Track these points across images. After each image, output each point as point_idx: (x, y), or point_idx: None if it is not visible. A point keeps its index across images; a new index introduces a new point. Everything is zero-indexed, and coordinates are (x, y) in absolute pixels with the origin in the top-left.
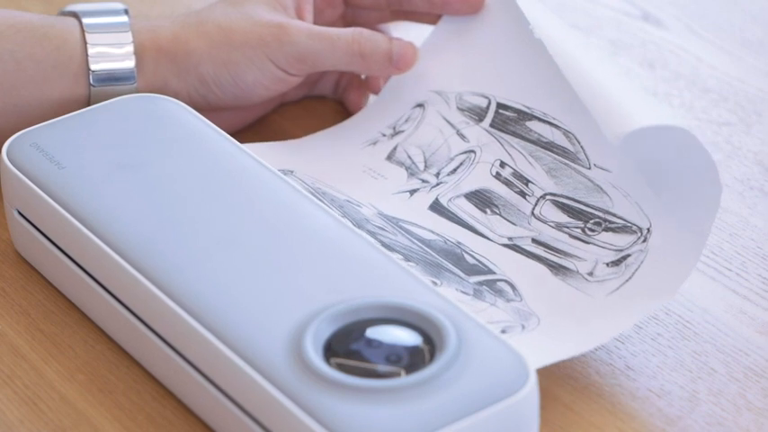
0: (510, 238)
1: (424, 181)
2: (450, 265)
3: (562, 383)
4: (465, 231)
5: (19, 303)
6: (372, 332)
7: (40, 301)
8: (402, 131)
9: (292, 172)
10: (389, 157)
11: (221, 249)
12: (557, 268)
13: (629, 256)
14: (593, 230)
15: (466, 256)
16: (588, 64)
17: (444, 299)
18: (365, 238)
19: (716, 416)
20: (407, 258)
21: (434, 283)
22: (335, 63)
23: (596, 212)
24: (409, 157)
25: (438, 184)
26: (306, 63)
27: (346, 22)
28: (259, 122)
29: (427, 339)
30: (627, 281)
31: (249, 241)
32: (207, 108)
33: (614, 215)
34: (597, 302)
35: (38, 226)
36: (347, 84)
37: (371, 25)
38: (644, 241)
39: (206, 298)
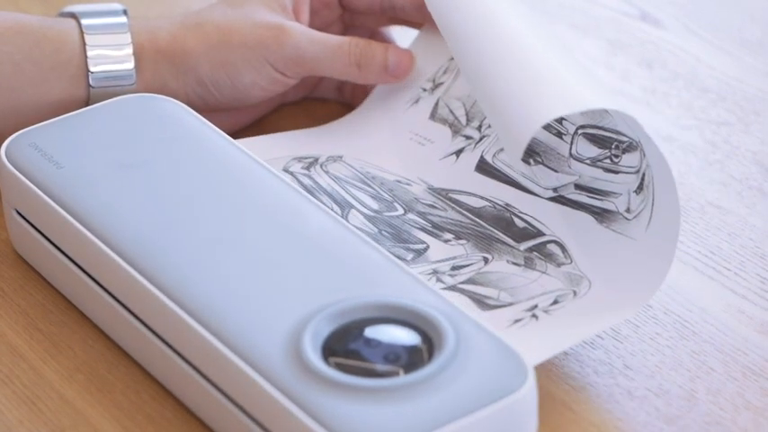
0: (555, 189)
1: (468, 138)
2: (500, 234)
3: (561, 383)
4: (512, 190)
5: (18, 303)
6: (371, 331)
7: (38, 300)
8: (442, 83)
9: (341, 157)
10: (432, 115)
11: (219, 249)
12: (600, 214)
13: (644, 175)
14: (617, 156)
15: (515, 219)
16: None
17: (443, 298)
18: (364, 238)
19: (714, 415)
20: (458, 236)
21: (486, 259)
22: (332, 70)
23: (612, 135)
24: (451, 112)
25: (482, 139)
26: (303, 66)
27: (344, 24)
28: (258, 123)
29: (426, 339)
30: (653, 204)
31: (247, 241)
32: (205, 109)
33: (620, 133)
34: (639, 244)
35: (37, 226)
36: (354, 88)
37: (368, 27)
38: (644, 156)
39: (205, 297)
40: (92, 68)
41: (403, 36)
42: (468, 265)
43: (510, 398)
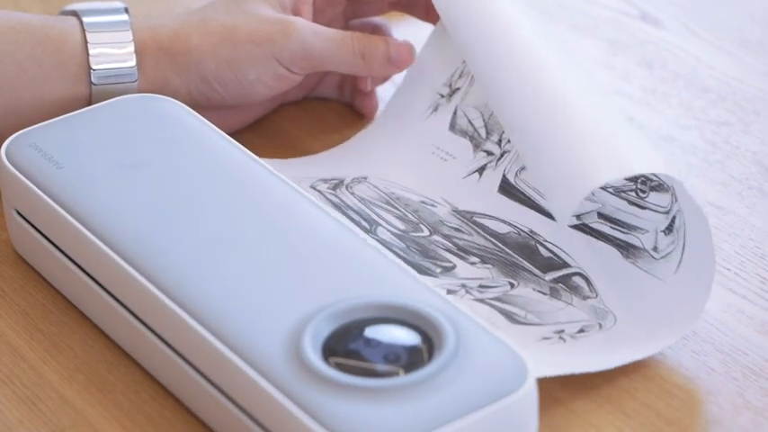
0: (578, 217)
1: (489, 153)
2: (526, 263)
3: (561, 383)
4: (536, 215)
5: (18, 303)
6: (371, 331)
7: (38, 300)
8: (458, 89)
9: (366, 178)
10: (452, 126)
11: (220, 249)
12: (625, 248)
13: (674, 217)
14: (642, 191)
15: (540, 248)
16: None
17: (443, 298)
18: (364, 238)
19: (714, 415)
20: (484, 261)
21: (512, 285)
22: (338, 63)
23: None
24: (470, 123)
25: (503, 155)
26: (310, 61)
27: (345, 19)
28: (258, 123)
29: (426, 339)
30: (683, 249)
31: (247, 241)
32: (208, 106)
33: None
34: (668, 287)
35: (37, 226)
36: (355, 89)
37: (370, 24)
38: (676, 200)
39: (205, 297)
40: (94, 66)
41: (401, 33)
42: (495, 287)
43: (510, 398)
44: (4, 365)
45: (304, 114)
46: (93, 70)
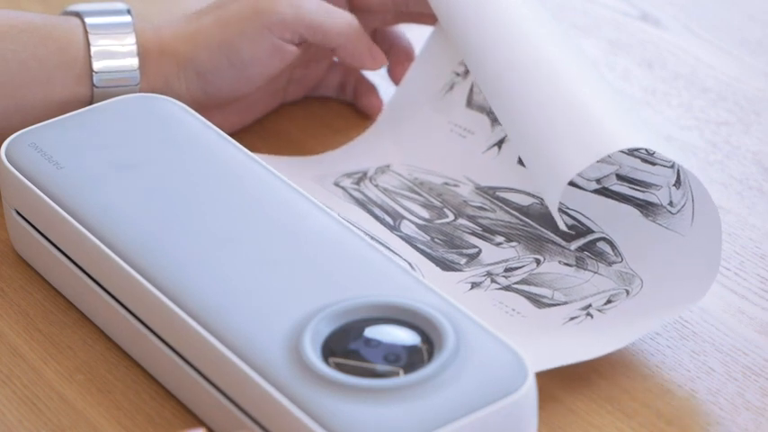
0: (598, 181)
1: None
2: (550, 234)
3: (561, 383)
4: None
5: (18, 303)
6: (371, 332)
7: (38, 300)
8: None
9: (389, 166)
10: (469, 102)
11: (220, 249)
12: (645, 207)
13: (678, 170)
14: (648, 150)
15: (563, 216)
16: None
17: (443, 298)
18: (364, 238)
19: (714, 415)
20: (509, 238)
21: (538, 261)
22: (331, 32)
23: None
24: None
25: None
26: (302, 24)
27: None
28: (259, 123)
29: (426, 339)
30: (693, 201)
31: (247, 241)
32: (208, 104)
33: None
34: (686, 240)
35: (36, 226)
36: (357, 87)
37: (373, 28)
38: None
39: (205, 298)
40: (96, 67)
41: (407, 28)
42: (520, 267)
43: (510, 398)
44: (4, 365)
45: (304, 114)
46: (96, 72)
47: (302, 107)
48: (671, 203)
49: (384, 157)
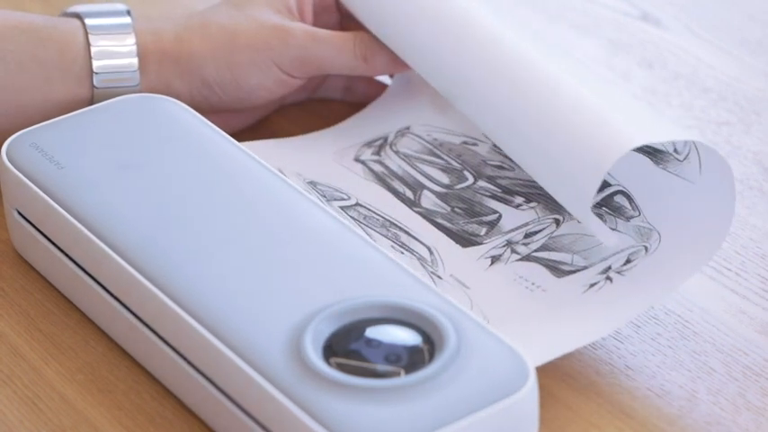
0: None
1: None
2: None
3: (562, 383)
4: None
5: (18, 303)
6: (372, 332)
7: (39, 301)
8: None
9: (408, 128)
10: None
11: (221, 249)
12: (654, 155)
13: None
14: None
15: None
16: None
17: (444, 298)
18: (365, 238)
19: (715, 415)
20: (528, 198)
21: (557, 221)
22: (340, 67)
23: None
24: None
25: None
26: (310, 66)
27: (342, 30)
28: (260, 123)
29: (427, 339)
30: (697, 150)
31: (248, 241)
32: (208, 109)
33: None
34: (697, 188)
35: (37, 226)
36: (367, 89)
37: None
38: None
39: (206, 298)
40: (96, 69)
41: None
42: (540, 231)
43: (511, 398)
44: (5, 365)
45: (305, 115)
46: (96, 73)
47: (303, 107)
48: (676, 150)
49: (403, 120)
